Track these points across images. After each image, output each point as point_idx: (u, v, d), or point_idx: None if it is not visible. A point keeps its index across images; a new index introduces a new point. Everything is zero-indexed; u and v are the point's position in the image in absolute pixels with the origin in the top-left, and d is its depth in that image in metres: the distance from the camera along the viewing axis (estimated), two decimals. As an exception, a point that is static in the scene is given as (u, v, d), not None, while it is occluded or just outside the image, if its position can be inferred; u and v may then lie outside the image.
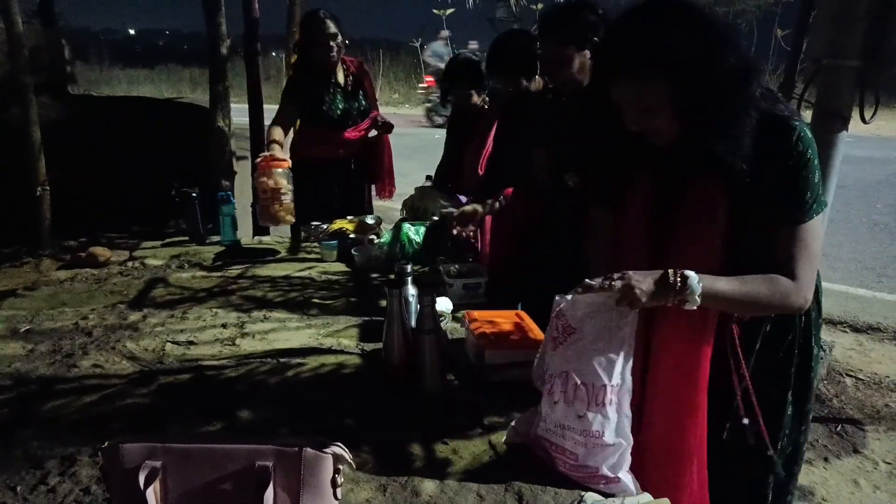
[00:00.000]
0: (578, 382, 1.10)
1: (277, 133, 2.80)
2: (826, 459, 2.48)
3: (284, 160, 2.58)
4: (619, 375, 1.10)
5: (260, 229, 3.30)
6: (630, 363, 1.11)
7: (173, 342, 1.75)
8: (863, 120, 2.67)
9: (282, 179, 2.52)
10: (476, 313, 1.74)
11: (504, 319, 1.72)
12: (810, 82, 2.83)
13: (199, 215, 2.69)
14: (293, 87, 2.99)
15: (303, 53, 2.95)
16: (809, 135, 1.16)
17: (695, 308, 1.13)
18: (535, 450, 1.20)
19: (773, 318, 1.30)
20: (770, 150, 1.15)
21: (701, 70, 1.10)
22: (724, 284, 1.15)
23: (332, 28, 2.83)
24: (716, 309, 1.22)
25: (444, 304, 1.91)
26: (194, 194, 2.66)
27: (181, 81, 20.87)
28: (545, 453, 1.17)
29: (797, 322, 1.32)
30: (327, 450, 0.88)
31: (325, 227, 2.73)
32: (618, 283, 1.10)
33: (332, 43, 2.83)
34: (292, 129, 3.04)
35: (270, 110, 3.60)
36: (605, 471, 1.09)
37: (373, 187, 3.23)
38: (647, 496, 1.14)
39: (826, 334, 3.55)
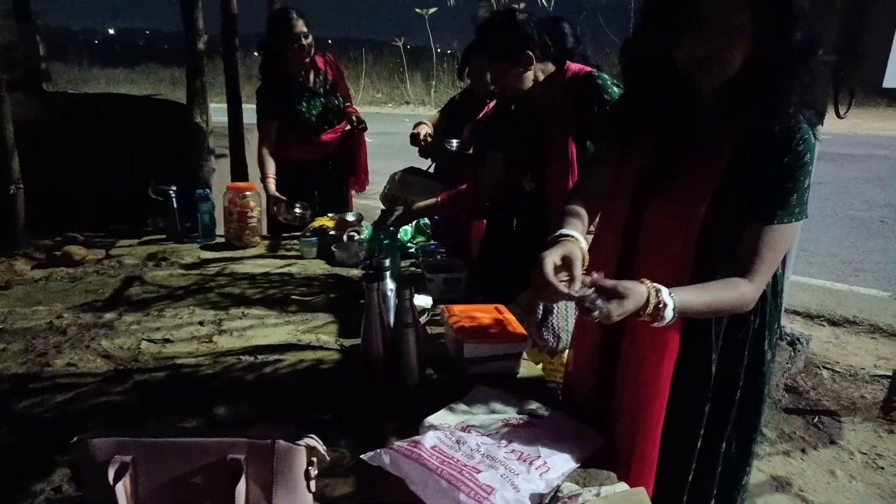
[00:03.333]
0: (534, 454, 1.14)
1: (271, 167, 2.83)
2: (803, 451, 2.51)
3: (252, 184, 2.66)
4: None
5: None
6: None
7: (149, 340, 1.73)
8: (837, 114, 2.71)
9: (250, 202, 2.56)
10: (455, 308, 1.74)
11: (483, 313, 1.71)
12: (786, 78, 2.86)
13: (177, 213, 2.67)
14: (266, 102, 2.91)
15: (269, 53, 2.87)
16: (812, 140, 1.15)
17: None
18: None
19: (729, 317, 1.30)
20: (773, 142, 1.15)
21: (787, 16, 1.10)
22: (693, 298, 1.15)
23: (302, 26, 2.77)
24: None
25: (423, 299, 1.91)
26: (172, 192, 2.63)
27: (162, 81, 20.67)
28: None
29: (751, 320, 1.30)
30: (300, 442, 0.87)
31: (298, 211, 2.78)
32: (595, 315, 1.08)
33: (302, 41, 2.77)
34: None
35: (247, 110, 3.58)
36: None
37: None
38: (622, 485, 1.15)
39: (803, 328, 3.60)
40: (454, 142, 2.67)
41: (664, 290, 1.11)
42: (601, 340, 1.40)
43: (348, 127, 3.01)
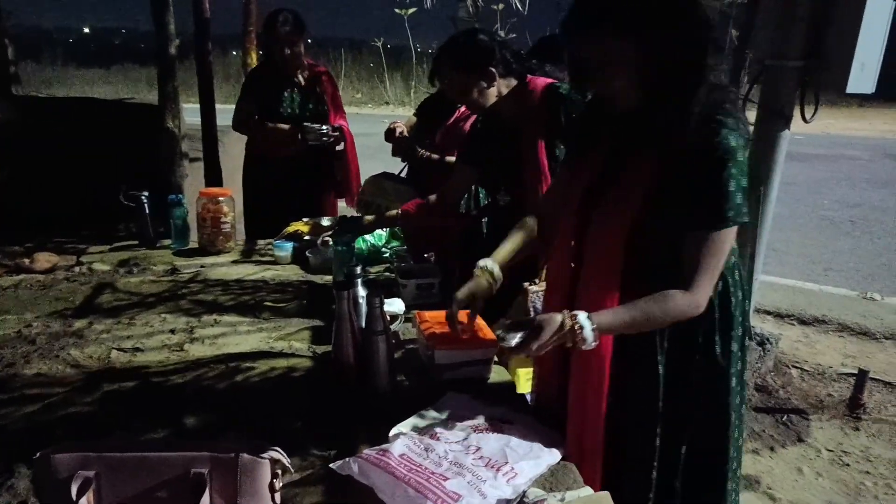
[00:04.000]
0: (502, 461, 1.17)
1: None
2: (772, 448, 2.56)
3: (226, 189, 2.66)
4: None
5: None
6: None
7: (119, 349, 1.72)
8: (803, 118, 2.77)
9: (223, 207, 2.55)
10: (427, 314, 1.75)
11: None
12: (755, 82, 2.93)
13: (150, 219, 2.64)
14: (250, 83, 3.06)
15: (266, 52, 3.06)
16: (734, 143, 1.15)
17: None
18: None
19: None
20: (691, 153, 1.17)
21: (667, 33, 1.13)
22: (614, 318, 1.19)
23: (293, 29, 2.89)
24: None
25: (396, 305, 1.91)
26: (144, 197, 2.61)
27: (138, 81, 20.39)
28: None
29: (696, 324, 1.30)
30: (264, 455, 0.88)
31: (325, 128, 2.94)
32: (514, 351, 1.18)
33: (292, 46, 2.90)
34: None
35: (226, 110, 3.57)
36: None
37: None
38: (587, 489, 1.17)
39: (774, 327, 3.67)
40: (422, 151, 2.67)
41: (580, 314, 1.16)
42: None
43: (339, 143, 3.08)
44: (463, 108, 2.67)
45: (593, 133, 1.38)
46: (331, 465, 1.13)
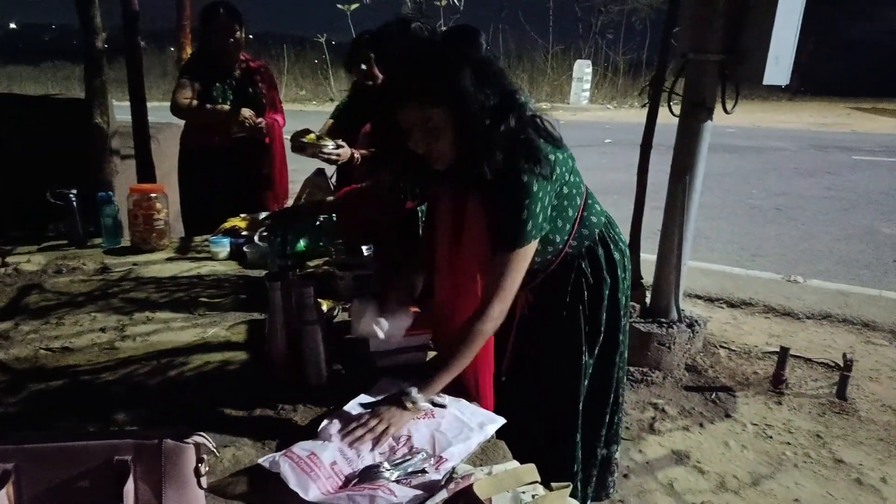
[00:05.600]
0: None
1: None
2: (701, 425, 2.69)
3: (159, 185, 2.66)
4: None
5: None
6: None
7: (47, 349, 1.69)
8: (725, 110, 2.90)
9: (156, 204, 2.51)
10: (362, 303, 1.77)
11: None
12: (678, 76, 3.05)
13: (79, 217, 2.57)
14: (190, 63, 3.10)
15: (202, 43, 3.04)
16: (531, 184, 1.34)
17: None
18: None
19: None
20: (493, 188, 1.36)
21: (473, 101, 1.30)
22: (435, 381, 1.37)
23: (232, 19, 2.92)
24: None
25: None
26: (72, 195, 2.54)
27: (70, 79, 19.63)
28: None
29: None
30: (188, 440, 0.89)
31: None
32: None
33: (233, 34, 2.93)
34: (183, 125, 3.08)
35: (162, 108, 3.49)
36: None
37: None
38: (514, 463, 1.22)
39: (703, 310, 3.83)
40: (330, 145, 2.48)
41: (412, 390, 1.33)
42: None
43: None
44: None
45: (433, 188, 1.62)
46: (259, 461, 1.15)
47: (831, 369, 3.14)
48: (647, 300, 3.29)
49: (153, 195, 2.52)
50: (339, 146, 2.46)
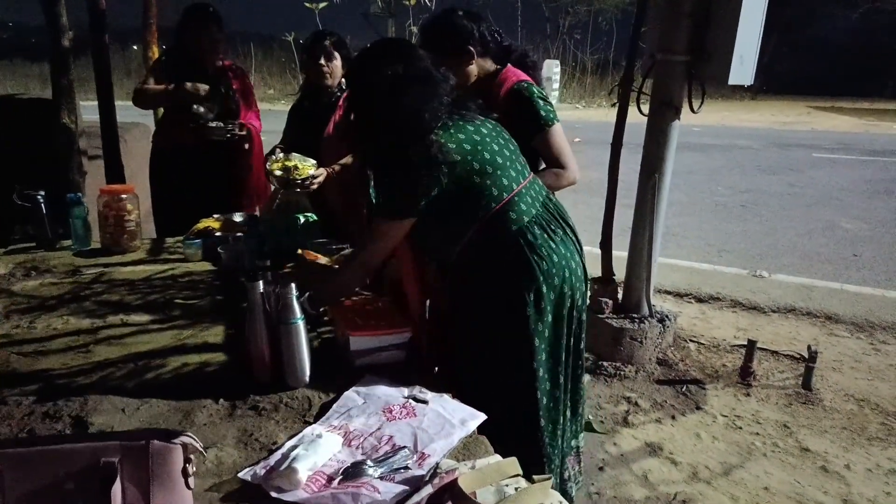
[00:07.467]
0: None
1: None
2: (673, 417, 2.75)
3: (129, 186, 2.65)
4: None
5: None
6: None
7: (19, 354, 1.66)
8: (692, 109, 2.97)
9: (127, 205, 2.48)
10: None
11: (370, 305, 1.77)
12: (646, 76, 3.11)
13: (47, 219, 2.53)
14: (162, 62, 3.10)
15: (181, 43, 2.98)
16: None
17: None
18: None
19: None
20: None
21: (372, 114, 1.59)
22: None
23: (215, 29, 2.92)
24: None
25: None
26: (40, 197, 2.49)
27: (29, 77, 19.10)
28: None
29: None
30: (176, 440, 0.89)
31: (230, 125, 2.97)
32: None
33: (214, 45, 2.94)
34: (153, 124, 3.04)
35: (123, 107, 3.43)
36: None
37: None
38: (496, 457, 1.24)
39: (673, 305, 3.91)
40: (308, 172, 2.53)
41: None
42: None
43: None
44: (339, 113, 2.68)
45: None
46: (240, 475, 1.14)
47: (797, 361, 3.24)
48: (619, 296, 3.35)
49: (124, 196, 2.48)
50: (313, 178, 2.52)
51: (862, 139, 11.96)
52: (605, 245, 3.34)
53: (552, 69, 18.80)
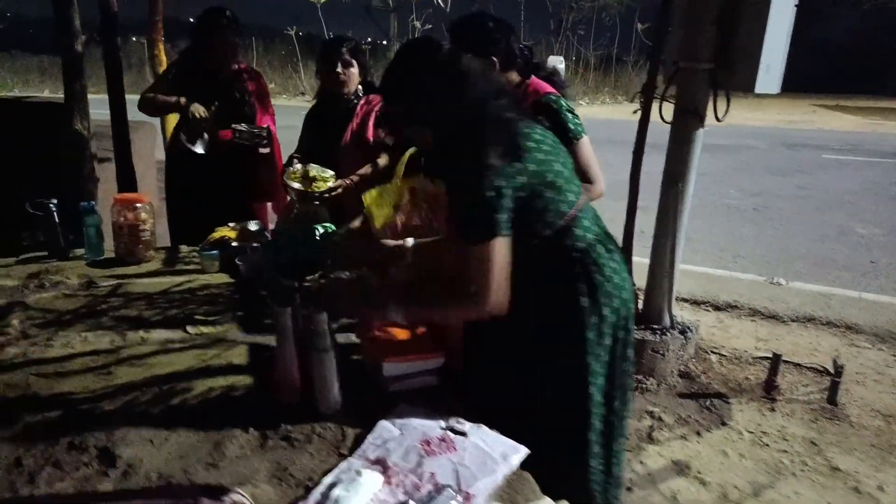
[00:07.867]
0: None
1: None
2: (698, 433, 2.70)
3: (142, 195, 2.56)
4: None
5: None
6: None
7: (38, 375, 1.60)
8: (717, 118, 2.91)
9: (141, 214, 2.42)
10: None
11: (398, 328, 1.71)
12: (670, 83, 3.04)
13: (60, 228, 2.46)
14: (173, 71, 3.00)
15: (196, 47, 2.92)
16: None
17: None
18: None
19: None
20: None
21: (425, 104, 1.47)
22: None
23: (231, 34, 2.86)
24: None
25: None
26: (52, 205, 2.43)
27: (28, 70, 19.03)
28: None
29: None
30: (225, 498, 0.83)
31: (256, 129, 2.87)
32: None
33: (230, 50, 2.89)
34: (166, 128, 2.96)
35: (127, 101, 3.35)
36: None
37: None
38: (547, 500, 1.18)
39: (690, 313, 3.85)
40: (328, 184, 2.52)
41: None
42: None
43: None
44: (356, 122, 2.61)
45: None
46: None
47: (820, 374, 3.19)
48: (640, 306, 3.29)
49: (138, 205, 2.42)
50: (332, 190, 2.50)
51: (868, 139, 11.90)
52: (626, 253, 3.28)
53: (557, 63, 18.71)
